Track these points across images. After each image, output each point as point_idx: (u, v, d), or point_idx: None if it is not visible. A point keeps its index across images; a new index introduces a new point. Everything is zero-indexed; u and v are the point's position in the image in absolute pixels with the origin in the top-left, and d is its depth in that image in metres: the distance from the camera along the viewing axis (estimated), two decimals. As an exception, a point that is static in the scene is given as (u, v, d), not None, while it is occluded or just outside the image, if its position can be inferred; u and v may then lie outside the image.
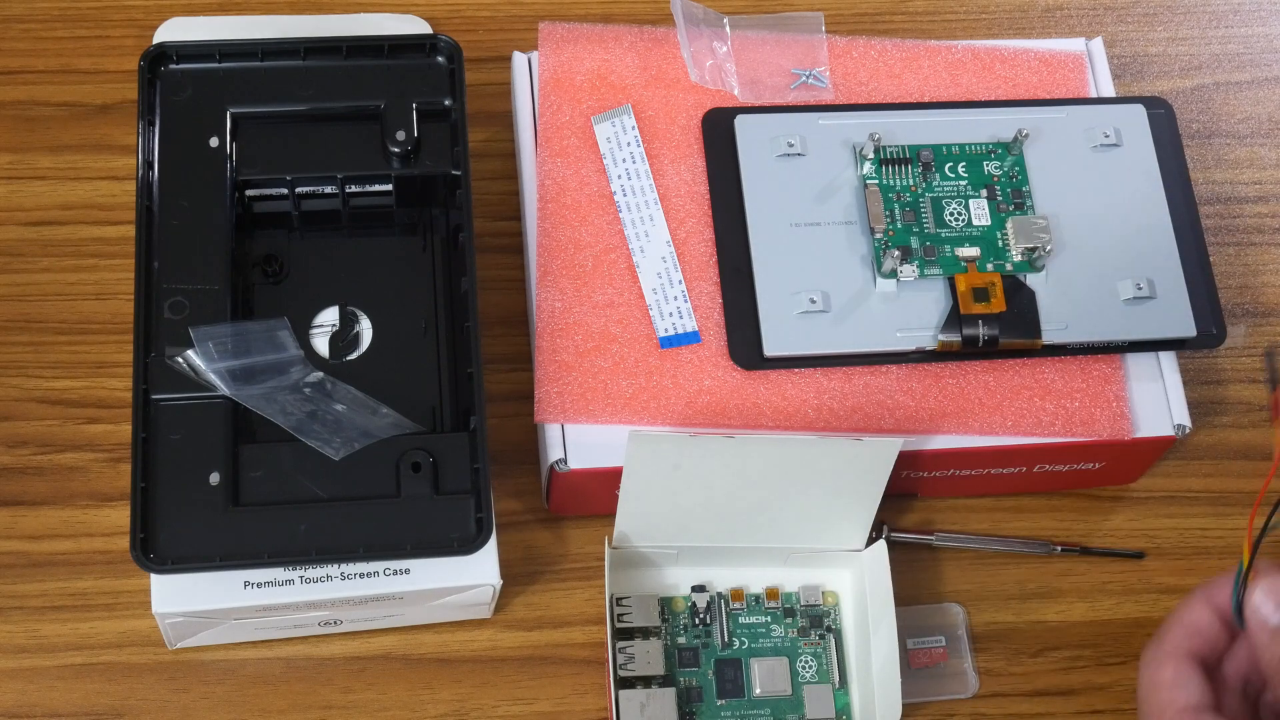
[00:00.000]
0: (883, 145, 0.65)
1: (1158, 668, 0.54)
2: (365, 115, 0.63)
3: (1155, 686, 0.54)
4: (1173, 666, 0.53)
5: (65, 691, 0.62)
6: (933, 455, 0.63)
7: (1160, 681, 0.53)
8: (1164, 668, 0.54)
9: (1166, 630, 0.55)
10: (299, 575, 0.58)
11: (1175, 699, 0.53)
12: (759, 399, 0.62)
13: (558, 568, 0.65)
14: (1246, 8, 0.80)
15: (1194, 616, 0.54)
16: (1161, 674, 0.53)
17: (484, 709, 0.63)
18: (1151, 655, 0.54)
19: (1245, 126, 0.77)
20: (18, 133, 0.71)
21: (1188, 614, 0.54)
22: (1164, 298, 0.64)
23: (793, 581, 0.64)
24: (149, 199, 0.61)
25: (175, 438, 0.58)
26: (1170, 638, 0.54)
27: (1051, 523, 0.68)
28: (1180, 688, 0.53)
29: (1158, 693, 0.53)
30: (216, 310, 0.60)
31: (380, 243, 0.65)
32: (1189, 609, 0.55)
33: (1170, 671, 0.53)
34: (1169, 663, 0.54)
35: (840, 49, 0.69)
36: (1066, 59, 0.70)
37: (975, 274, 0.63)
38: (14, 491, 0.65)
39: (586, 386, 0.62)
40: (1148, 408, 0.64)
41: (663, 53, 0.68)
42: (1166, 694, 0.53)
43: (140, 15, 0.74)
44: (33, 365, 0.67)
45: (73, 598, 0.63)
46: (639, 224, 0.65)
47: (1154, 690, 0.54)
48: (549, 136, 0.66)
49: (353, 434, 0.59)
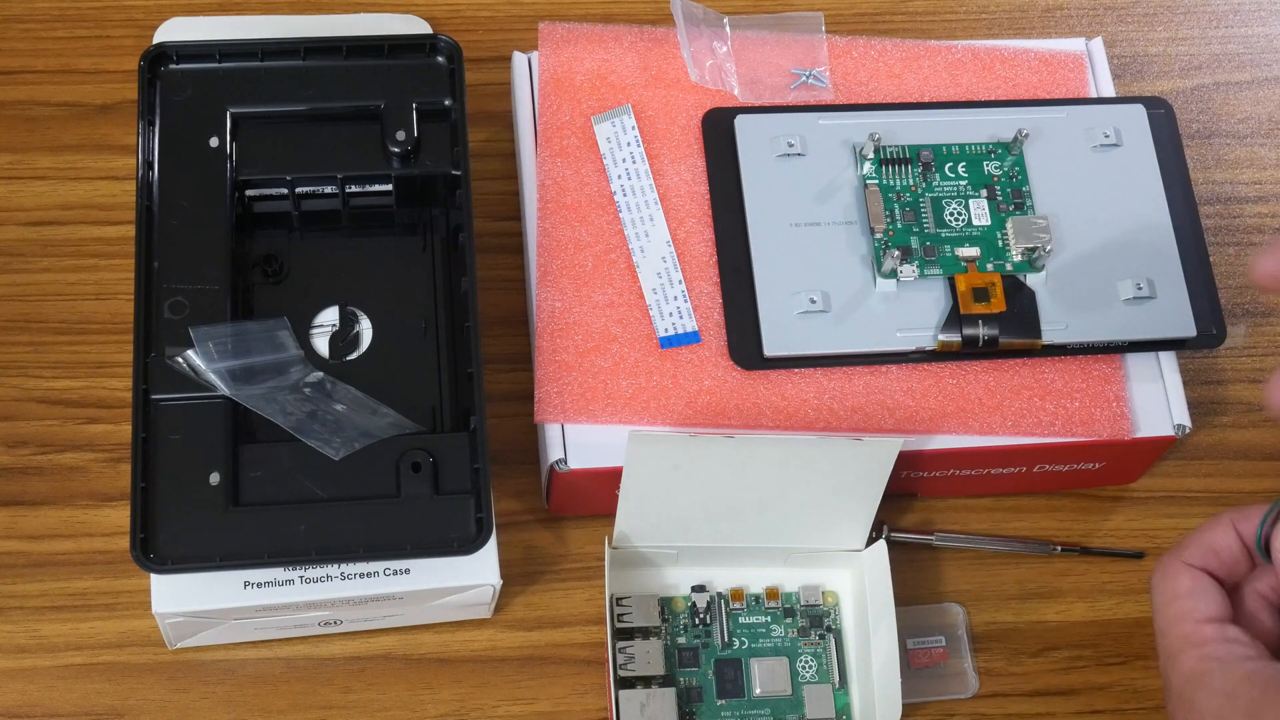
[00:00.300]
0: (883, 145, 0.65)
1: (1175, 577, 0.52)
2: (365, 115, 0.63)
3: (1173, 595, 0.52)
4: (1190, 577, 0.52)
5: (65, 691, 0.62)
6: (933, 455, 0.63)
7: (1178, 590, 0.52)
8: (1181, 577, 0.52)
9: (1186, 544, 0.53)
10: (299, 575, 0.58)
11: (1196, 608, 0.51)
12: (759, 399, 0.62)
13: (558, 568, 0.65)
14: (1246, 8, 0.80)
15: (1215, 536, 0.53)
16: (1179, 583, 0.52)
17: (484, 709, 0.63)
18: (1168, 566, 0.53)
19: (1245, 126, 0.77)
20: (18, 133, 0.71)
21: (1210, 534, 0.53)
22: (1164, 298, 0.64)
23: (793, 581, 0.64)
24: (149, 199, 0.61)
25: (175, 438, 0.58)
26: (1189, 552, 0.53)
27: (1051, 523, 0.68)
28: (1199, 597, 0.52)
29: (1176, 601, 0.52)
30: (216, 310, 0.60)
31: (380, 243, 0.65)
32: (1212, 530, 0.53)
33: (1188, 581, 0.52)
34: (1186, 573, 0.52)
35: (840, 49, 0.69)
36: (1066, 59, 0.70)
37: (975, 274, 0.63)
38: (14, 491, 0.65)
39: (586, 386, 0.62)
40: (1148, 408, 0.64)
41: (663, 53, 0.68)
42: (1186, 603, 0.52)
43: (140, 15, 0.74)
44: (33, 365, 0.67)
45: (73, 598, 0.63)
46: (639, 224, 0.65)
47: (1172, 599, 0.52)
48: (549, 136, 0.66)
49: (353, 434, 0.59)
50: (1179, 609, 0.52)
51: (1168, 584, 0.52)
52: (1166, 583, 0.53)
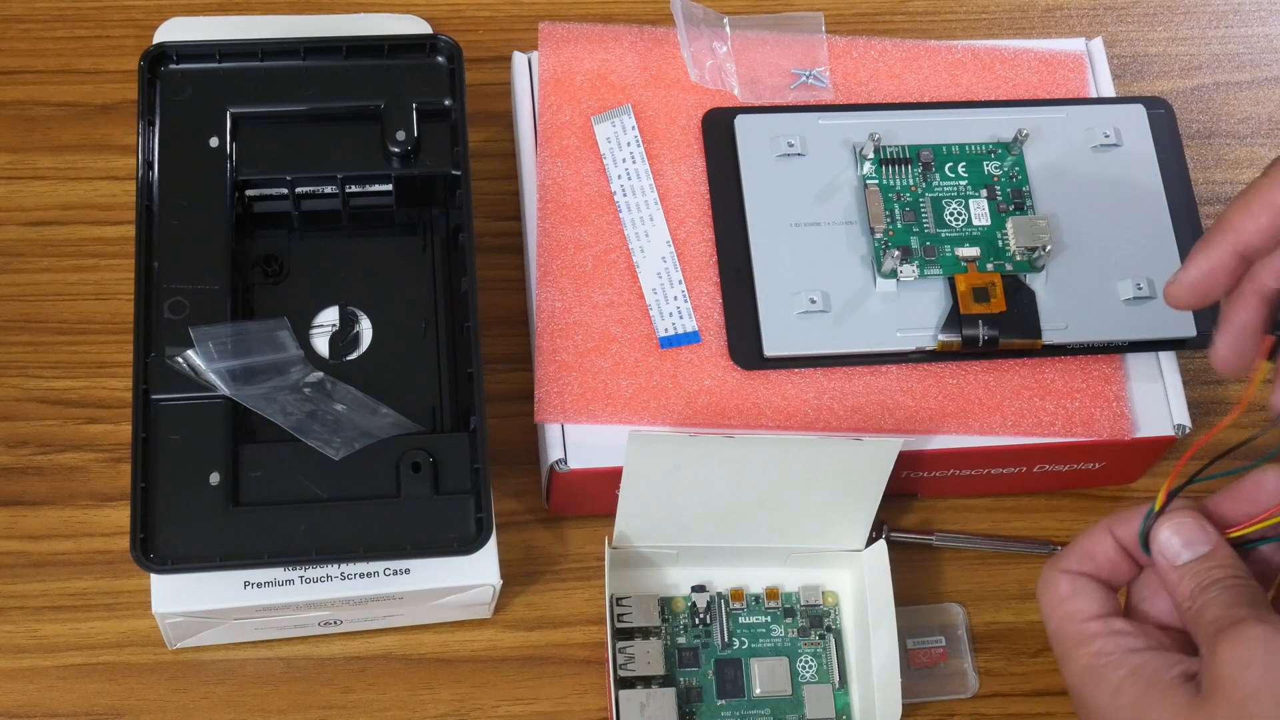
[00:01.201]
0: (883, 145, 0.65)
1: (1052, 585, 0.53)
2: (365, 115, 0.63)
3: (1056, 601, 0.53)
4: (1068, 581, 0.53)
5: (65, 691, 0.62)
6: (933, 455, 0.63)
7: (1059, 595, 0.53)
8: (1059, 583, 0.53)
9: (1063, 554, 0.54)
10: (299, 575, 0.58)
11: (1081, 609, 0.52)
12: (759, 399, 0.62)
13: (558, 568, 0.65)
14: (1246, 8, 0.80)
15: (1091, 543, 0.54)
16: (1059, 589, 0.53)
17: (484, 709, 0.63)
18: (1046, 574, 0.54)
19: (1245, 126, 0.77)
20: (18, 133, 0.71)
21: (1086, 541, 0.54)
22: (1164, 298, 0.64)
23: (793, 581, 0.64)
24: (149, 199, 0.61)
25: (175, 438, 0.58)
26: (1066, 560, 0.54)
27: (1051, 523, 0.68)
28: (1080, 598, 0.52)
29: (1060, 606, 0.53)
30: (216, 310, 0.60)
31: (380, 243, 0.65)
32: (1088, 536, 0.54)
33: (1067, 585, 0.53)
34: (1064, 579, 0.53)
35: (840, 49, 0.69)
36: (1066, 59, 0.70)
37: (975, 274, 0.63)
38: (14, 491, 0.65)
39: (586, 386, 0.62)
40: (1148, 408, 0.64)
41: (663, 53, 0.68)
42: (1069, 605, 0.52)
43: (140, 15, 0.74)
44: (33, 365, 0.67)
45: (73, 598, 0.63)
46: (639, 224, 0.65)
47: (1055, 605, 0.53)
48: (549, 136, 0.66)
49: (353, 434, 0.59)
50: (1063, 612, 0.53)
51: (1049, 592, 0.53)
52: (1048, 591, 0.53)
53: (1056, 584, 0.53)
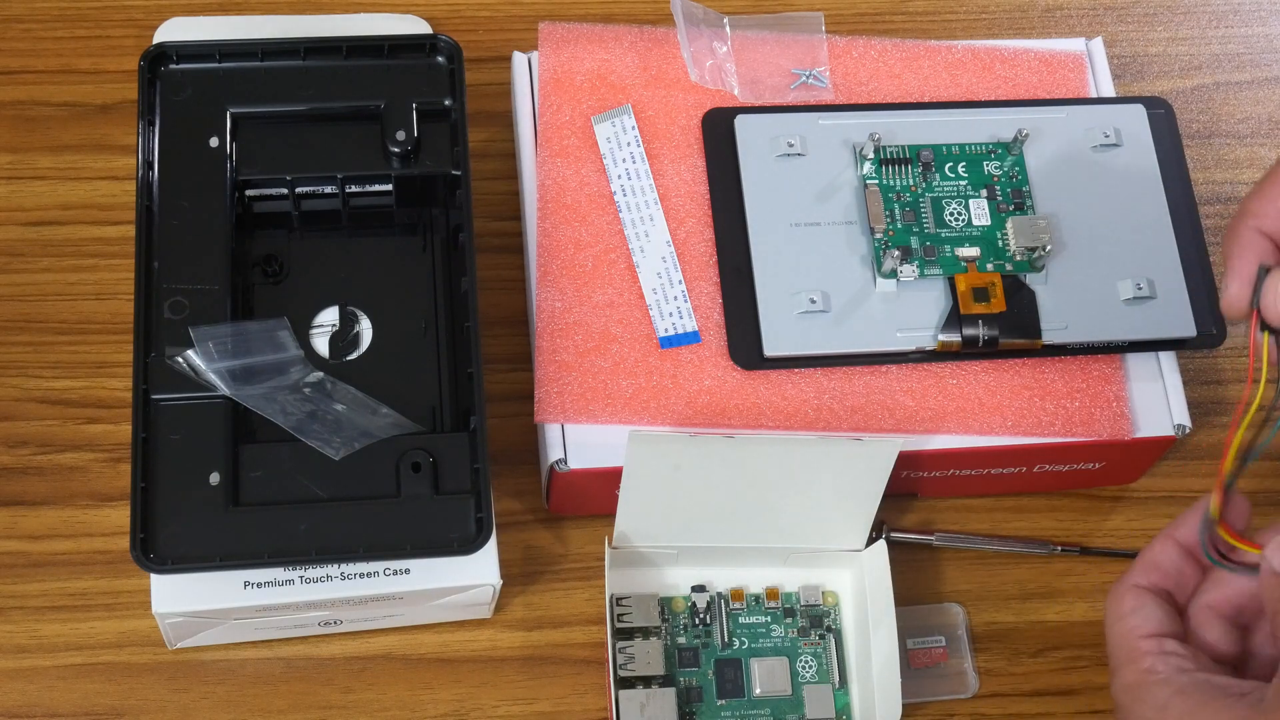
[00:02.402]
0: (883, 145, 0.65)
1: (1118, 599, 0.54)
2: (365, 115, 0.63)
3: (1118, 615, 0.53)
4: (1133, 596, 0.53)
5: (65, 691, 0.62)
6: (933, 455, 0.63)
7: (1122, 610, 0.53)
8: (1124, 599, 0.54)
9: (1132, 566, 0.54)
10: (299, 575, 0.58)
11: (1138, 626, 0.53)
12: (759, 399, 0.62)
13: (558, 568, 0.65)
14: (1246, 8, 0.80)
15: (1155, 553, 0.54)
16: (1123, 603, 0.53)
17: (484, 709, 0.63)
18: (1116, 588, 0.54)
19: (1245, 126, 0.77)
20: (18, 133, 0.71)
21: (1150, 551, 0.54)
22: (1164, 298, 0.64)
23: (793, 581, 0.64)
24: (149, 199, 0.61)
25: (175, 438, 0.58)
26: (1134, 573, 0.54)
27: (1051, 523, 0.68)
28: (1140, 614, 0.53)
29: (1120, 622, 0.53)
30: (216, 310, 0.60)
31: (380, 243, 0.65)
32: (1152, 547, 0.54)
33: (1131, 601, 0.53)
34: (1129, 594, 0.54)
35: (840, 49, 0.69)
36: (1066, 59, 0.70)
37: (975, 274, 0.63)
38: (14, 491, 0.65)
39: (586, 386, 0.62)
40: (1148, 408, 0.64)
41: (663, 53, 0.68)
42: (1129, 621, 0.53)
43: (140, 15, 0.74)
44: (33, 365, 0.67)
45: (73, 598, 0.63)
46: (639, 224, 0.65)
47: (1116, 619, 0.53)
48: (549, 136, 0.66)
49: (353, 434, 0.59)
50: (1122, 628, 0.53)
51: (1114, 606, 0.54)
52: (1113, 605, 0.54)
53: (1122, 599, 0.54)
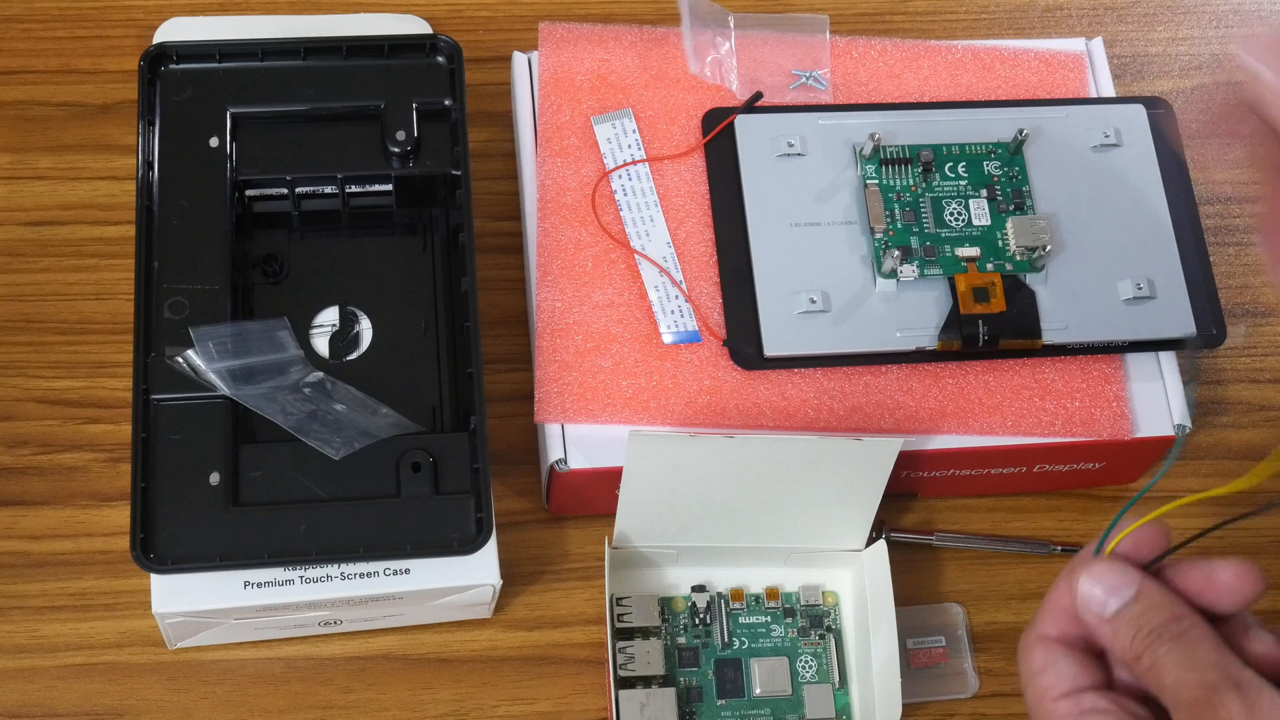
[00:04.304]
0: (883, 145, 0.65)
1: (1028, 656, 0.49)
2: (365, 115, 0.63)
3: (1029, 676, 0.49)
4: (1042, 651, 0.49)
5: (65, 691, 0.62)
6: (933, 455, 0.63)
7: (1032, 668, 0.49)
8: (1034, 653, 0.49)
9: (1036, 616, 0.50)
10: (299, 575, 0.58)
11: (1050, 687, 0.48)
12: (759, 399, 0.62)
13: (558, 568, 0.65)
14: (1246, 8, 0.80)
15: (1058, 597, 0.49)
16: (1032, 661, 0.49)
17: (484, 709, 0.63)
18: (1022, 643, 0.50)
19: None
20: (18, 133, 0.71)
21: (1054, 596, 0.49)
22: (1164, 298, 0.64)
23: (793, 581, 0.64)
24: (149, 199, 0.61)
25: (175, 438, 0.58)
26: (1037, 624, 0.49)
27: (1051, 523, 0.68)
28: (1050, 671, 0.48)
29: (1032, 681, 0.48)
30: (216, 310, 0.60)
31: (380, 243, 0.65)
32: (1055, 591, 0.49)
33: (1041, 656, 0.48)
34: (1039, 648, 0.49)
35: (840, 49, 0.69)
36: (1066, 59, 0.70)
37: (975, 274, 0.63)
38: (14, 491, 0.65)
39: (586, 386, 0.62)
40: (1148, 408, 0.64)
41: (663, 53, 0.68)
42: (1041, 681, 0.48)
43: (140, 15, 0.74)
44: (33, 365, 0.67)
45: (73, 598, 0.63)
46: (639, 224, 0.65)
47: (1028, 681, 0.49)
48: (549, 136, 0.66)
49: (353, 434, 0.59)
50: (1035, 689, 0.49)
51: (1023, 664, 0.49)
52: (1022, 663, 0.49)
53: (1031, 654, 0.49)
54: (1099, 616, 0.47)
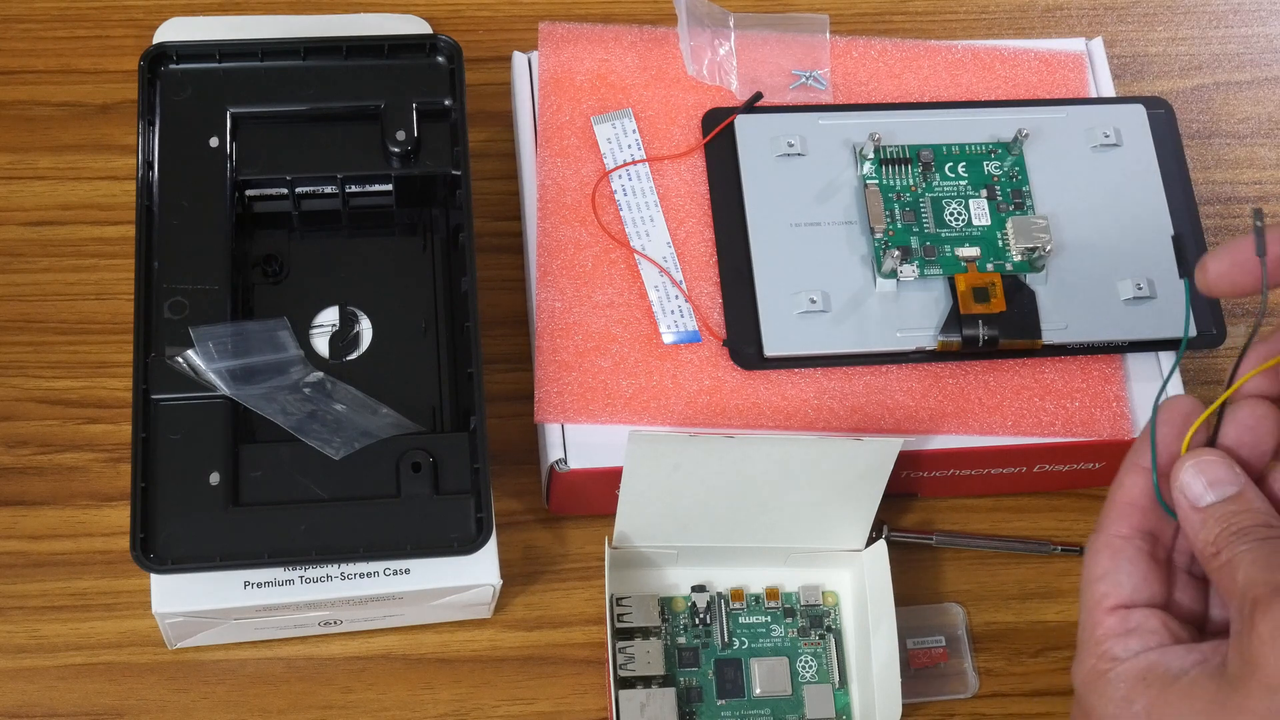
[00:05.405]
0: (883, 145, 0.65)
1: (1094, 559, 0.47)
2: (365, 115, 0.63)
3: (1089, 581, 0.47)
4: (1108, 556, 0.47)
5: (65, 691, 0.62)
6: (933, 455, 0.63)
7: (1094, 574, 0.47)
8: (1100, 558, 0.47)
9: (1102, 518, 0.48)
10: (299, 575, 0.58)
11: (1106, 594, 0.46)
12: (759, 399, 0.62)
13: (558, 568, 0.65)
14: (1246, 8, 0.80)
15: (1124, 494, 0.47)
16: (1095, 566, 0.47)
17: (484, 709, 0.63)
18: (1089, 545, 0.48)
19: (1245, 126, 0.77)
20: (18, 133, 0.71)
21: (1119, 494, 0.47)
22: (1164, 298, 0.64)
23: (793, 581, 0.64)
24: (149, 199, 0.61)
25: (175, 438, 0.58)
26: (1107, 524, 0.47)
27: (1051, 523, 0.68)
28: (1109, 579, 0.47)
29: (1090, 587, 0.47)
30: (216, 310, 0.60)
31: (380, 243, 0.65)
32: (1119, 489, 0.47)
33: (1105, 562, 0.47)
34: (1105, 552, 0.47)
35: (840, 49, 0.69)
36: (1066, 59, 0.70)
37: (975, 274, 0.63)
38: (14, 491, 0.65)
39: (586, 386, 0.62)
40: (1148, 408, 0.64)
41: (663, 53, 0.68)
42: (1098, 588, 0.47)
43: (140, 15, 0.74)
44: (33, 365, 0.67)
45: (73, 598, 0.63)
46: (639, 224, 0.65)
47: (1087, 585, 0.47)
48: (549, 136, 0.66)
49: (353, 434, 0.59)
50: (1091, 595, 0.47)
51: (1087, 567, 0.48)
52: (1086, 565, 0.48)
53: (1097, 558, 0.47)
54: (1192, 504, 0.46)
